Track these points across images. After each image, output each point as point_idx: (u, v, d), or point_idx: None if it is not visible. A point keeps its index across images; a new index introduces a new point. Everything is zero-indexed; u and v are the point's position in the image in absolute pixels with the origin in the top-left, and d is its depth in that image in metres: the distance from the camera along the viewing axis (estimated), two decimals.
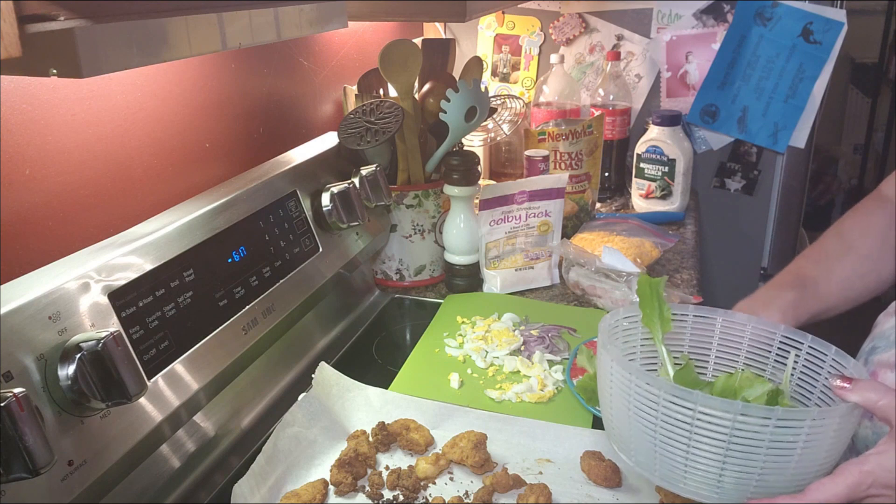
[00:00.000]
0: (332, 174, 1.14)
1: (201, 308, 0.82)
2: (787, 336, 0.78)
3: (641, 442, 0.68)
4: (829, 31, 1.64)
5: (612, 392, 0.71)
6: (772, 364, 0.80)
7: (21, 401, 0.56)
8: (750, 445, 0.62)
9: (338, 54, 1.42)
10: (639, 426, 0.67)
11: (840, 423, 0.63)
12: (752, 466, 0.63)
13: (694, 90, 1.78)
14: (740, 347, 0.82)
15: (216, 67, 1.07)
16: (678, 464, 0.66)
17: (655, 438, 0.66)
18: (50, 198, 0.80)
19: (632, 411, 0.68)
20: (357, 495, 0.80)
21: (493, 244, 1.28)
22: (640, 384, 0.66)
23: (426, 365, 1.06)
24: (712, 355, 0.83)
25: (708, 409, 0.62)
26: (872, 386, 0.64)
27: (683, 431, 0.64)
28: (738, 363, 0.82)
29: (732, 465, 0.63)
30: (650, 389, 0.65)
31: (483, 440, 0.84)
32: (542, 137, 1.53)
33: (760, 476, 0.63)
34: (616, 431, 0.73)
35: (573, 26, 1.85)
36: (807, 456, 0.63)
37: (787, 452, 0.62)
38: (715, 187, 1.85)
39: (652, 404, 0.65)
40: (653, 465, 0.68)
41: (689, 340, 0.83)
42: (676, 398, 0.63)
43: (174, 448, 0.83)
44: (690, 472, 0.65)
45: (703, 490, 0.66)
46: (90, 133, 0.85)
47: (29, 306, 0.64)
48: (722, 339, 0.83)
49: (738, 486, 0.64)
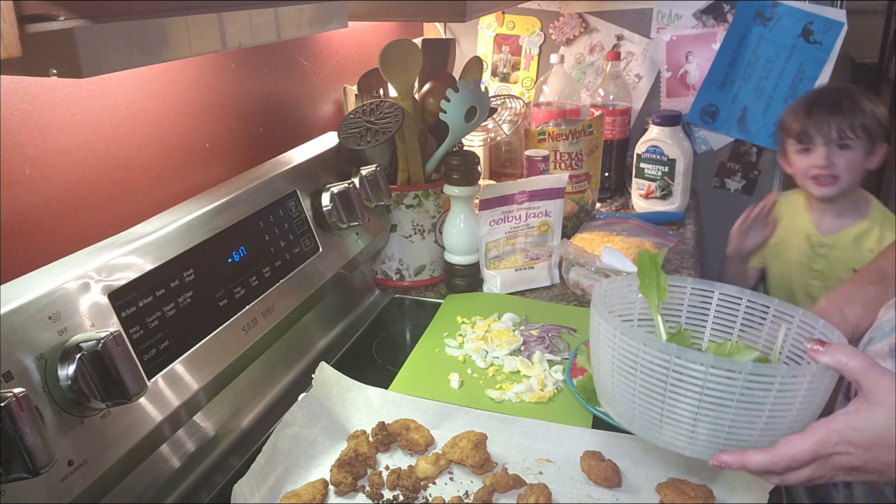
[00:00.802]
0: (332, 174, 1.14)
1: (201, 308, 0.82)
2: (780, 310, 0.80)
3: (623, 394, 0.72)
4: (829, 31, 1.64)
5: (599, 348, 0.74)
6: (764, 337, 0.82)
7: (21, 401, 0.56)
8: (721, 398, 0.65)
9: (338, 54, 1.42)
10: (620, 378, 0.72)
11: (810, 382, 0.65)
12: (723, 419, 0.66)
13: (694, 90, 1.78)
14: (734, 320, 0.84)
15: (216, 67, 1.07)
16: (655, 415, 0.70)
17: (635, 390, 0.70)
18: (50, 198, 0.80)
19: (615, 365, 0.72)
20: (357, 495, 0.80)
21: (493, 244, 1.28)
22: (622, 338, 0.70)
23: (426, 365, 1.06)
24: (708, 327, 0.86)
25: (682, 361, 0.66)
26: (843, 349, 0.65)
27: (660, 383, 0.68)
28: (733, 336, 0.84)
29: (705, 418, 0.67)
30: (630, 342, 0.69)
31: (483, 440, 0.84)
32: (542, 137, 1.53)
33: (731, 429, 0.66)
34: (602, 386, 0.77)
35: (573, 26, 1.85)
36: (777, 413, 0.65)
37: (757, 407, 0.65)
38: (715, 187, 1.85)
39: (632, 356, 0.69)
40: (632, 416, 0.72)
41: (686, 312, 0.86)
42: (652, 350, 0.67)
43: (174, 448, 0.83)
44: (666, 423, 0.69)
45: (677, 441, 0.69)
46: (90, 133, 0.85)
47: (29, 306, 0.64)
48: (718, 311, 0.85)
49: (710, 438, 0.67)
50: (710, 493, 0.77)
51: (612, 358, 0.72)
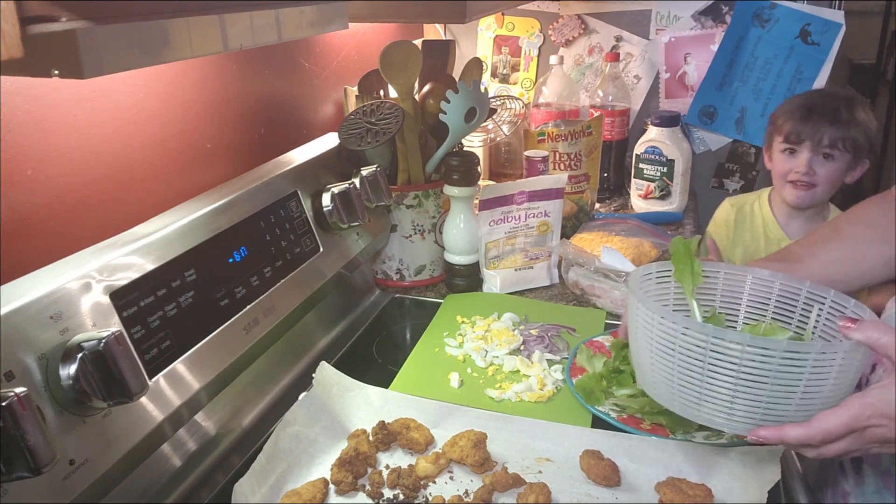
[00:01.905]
0: (333, 175, 1.14)
1: (202, 308, 0.83)
2: (812, 291, 0.84)
3: (662, 375, 0.75)
4: (827, 32, 1.65)
5: (638, 331, 0.78)
6: (797, 318, 0.85)
7: (23, 400, 0.56)
8: (758, 376, 0.68)
9: (338, 55, 1.42)
10: (660, 360, 0.75)
11: (843, 358, 0.68)
12: (760, 396, 0.69)
13: (692, 91, 1.78)
14: (768, 302, 0.88)
15: (217, 68, 1.08)
16: (693, 394, 0.73)
17: (674, 371, 0.73)
18: (51, 198, 0.81)
19: (654, 347, 0.75)
20: (357, 494, 0.80)
21: (493, 244, 1.28)
22: (661, 321, 0.73)
23: (426, 364, 1.06)
24: (742, 310, 0.89)
25: (719, 341, 0.69)
26: (875, 325, 0.68)
27: (698, 363, 0.71)
28: (766, 318, 0.88)
29: (742, 395, 0.70)
30: (669, 325, 0.72)
31: (483, 439, 0.84)
32: (541, 138, 1.53)
33: (768, 405, 0.69)
34: (641, 368, 0.80)
35: (572, 28, 1.85)
36: (812, 388, 0.68)
37: (793, 383, 0.68)
38: (713, 187, 1.86)
39: (671, 338, 0.72)
40: (671, 396, 0.75)
41: (721, 296, 0.89)
42: (691, 331, 0.71)
43: (175, 447, 0.83)
44: (705, 402, 0.72)
45: (716, 417, 0.72)
46: (92, 133, 0.85)
47: (30, 306, 0.64)
48: (751, 295, 0.89)
49: (748, 414, 0.70)
50: (709, 492, 0.78)
51: (650, 341, 0.75)
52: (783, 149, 1.47)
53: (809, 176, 1.43)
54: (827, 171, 1.43)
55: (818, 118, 1.41)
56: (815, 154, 1.42)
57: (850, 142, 1.41)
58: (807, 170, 1.42)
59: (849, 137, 1.41)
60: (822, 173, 1.43)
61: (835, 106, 1.42)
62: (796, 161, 1.44)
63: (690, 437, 0.85)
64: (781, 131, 1.46)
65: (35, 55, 0.45)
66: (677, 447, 0.84)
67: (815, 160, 1.43)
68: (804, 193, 1.45)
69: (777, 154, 1.49)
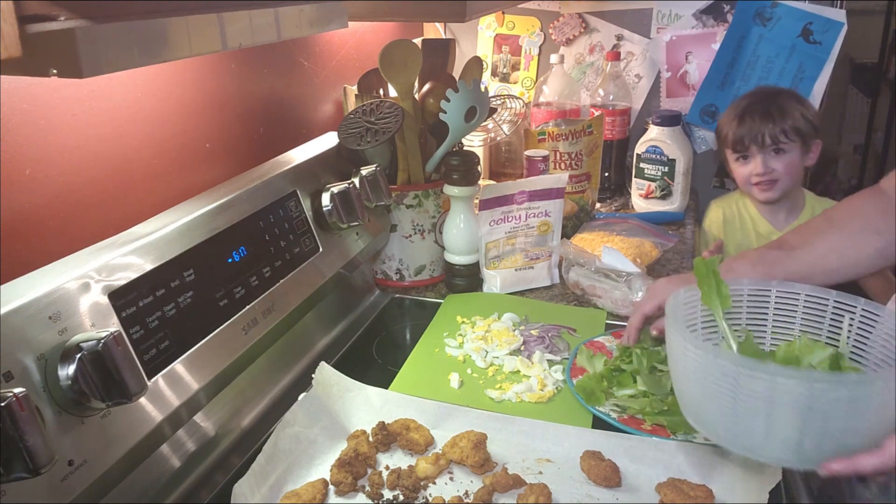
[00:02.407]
0: (333, 174, 1.14)
1: (201, 308, 0.82)
2: (840, 301, 0.82)
3: (720, 416, 0.70)
4: (829, 31, 1.64)
5: (686, 371, 0.73)
6: (827, 329, 0.83)
7: (21, 401, 0.56)
8: (827, 411, 0.65)
9: (338, 54, 1.42)
10: (717, 401, 0.70)
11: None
12: (831, 430, 0.65)
13: (694, 90, 1.78)
14: (795, 315, 0.85)
15: (216, 68, 1.07)
16: (758, 433, 0.68)
17: (736, 411, 0.68)
18: (50, 198, 0.80)
19: (708, 388, 0.70)
20: (357, 495, 0.80)
21: (493, 244, 1.28)
22: (716, 361, 0.68)
23: (426, 365, 1.06)
24: (769, 325, 0.87)
25: (784, 380, 0.65)
26: None
27: (763, 403, 0.66)
28: (795, 330, 0.85)
29: (812, 431, 0.66)
30: (726, 365, 0.68)
31: (483, 440, 0.84)
32: (541, 137, 1.53)
33: (839, 438, 0.66)
34: (692, 408, 0.75)
35: (573, 26, 1.85)
36: (881, 415, 0.65)
37: (862, 414, 0.65)
38: (715, 187, 1.85)
39: (730, 379, 0.67)
40: (733, 437, 0.71)
41: (746, 313, 0.87)
42: (752, 371, 0.66)
43: (174, 448, 0.83)
44: (771, 441, 0.68)
45: (785, 456, 0.68)
46: (90, 133, 0.85)
47: (29, 306, 0.64)
48: (777, 309, 0.86)
49: (818, 449, 0.66)
50: (710, 492, 0.77)
51: (703, 381, 0.70)
52: (735, 157, 1.52)
53: (769, 174, 1.47)
54: (784, 164, 1.47)
55: (752, 120, 1.47)
56: (765, 153, 1.47)
57: (791, 132, 1.45)
58: (763, 170, 1.47)
59: (788, 128, 1.45)
60: (779, 167, 1.48)
61: (763, 106, 1.47)
62: (752, 165, 1.49)
63: (691, 438, 0.85)
64: (727, 142, 1.52)
65: (34, 54, 0.45)
66: (678, 448, 0.84)
67: (768, 158, 1.47)
68: (770, 190, 1.50)
69: (733, 163, 1.54)
